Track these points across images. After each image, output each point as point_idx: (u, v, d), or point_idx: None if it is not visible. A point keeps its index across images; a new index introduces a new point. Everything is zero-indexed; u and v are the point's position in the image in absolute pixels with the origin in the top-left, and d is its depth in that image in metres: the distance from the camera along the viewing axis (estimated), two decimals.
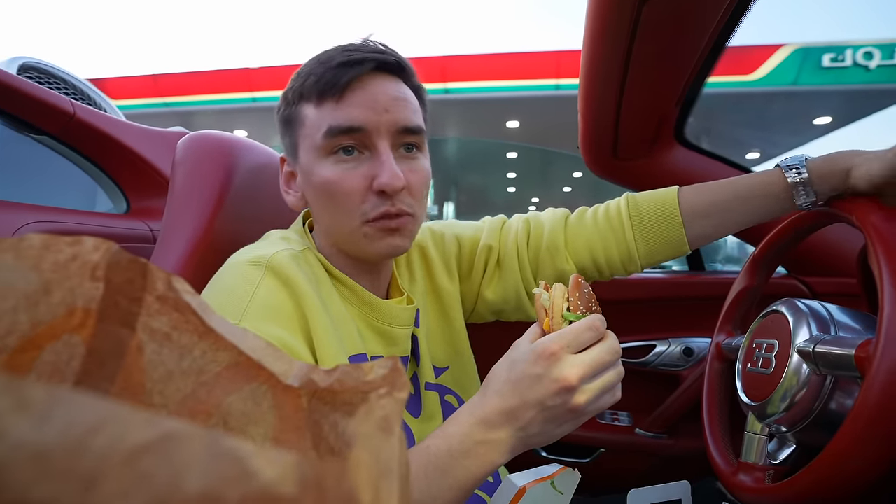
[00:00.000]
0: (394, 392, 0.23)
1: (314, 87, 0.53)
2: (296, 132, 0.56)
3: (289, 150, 0.59)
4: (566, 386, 0.41)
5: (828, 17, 14.79)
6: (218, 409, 0.28)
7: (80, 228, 0.85)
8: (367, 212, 0.53)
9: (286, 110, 0.57)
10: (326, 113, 0.53)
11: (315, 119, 0.54)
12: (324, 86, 0.52)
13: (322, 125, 0.53)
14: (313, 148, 0.54)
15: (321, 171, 0.54)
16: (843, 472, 0.42)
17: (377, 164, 0.53)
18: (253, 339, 0.27)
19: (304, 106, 0.55)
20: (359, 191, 0.53)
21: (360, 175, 0.53)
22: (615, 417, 1.10)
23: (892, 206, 0.54)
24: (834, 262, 0.95)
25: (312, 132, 0.54)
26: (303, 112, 0.55)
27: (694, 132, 0.98)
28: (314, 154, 0.54)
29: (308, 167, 0.55)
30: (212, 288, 0.52)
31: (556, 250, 0.68)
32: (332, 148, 0.53)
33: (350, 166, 0.53)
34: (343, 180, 0.53)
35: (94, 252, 0.25)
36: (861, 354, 0.45)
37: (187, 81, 8.64)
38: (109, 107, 1.21)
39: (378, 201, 0.53)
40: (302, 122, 0.55)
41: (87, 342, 0.25)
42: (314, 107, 0.54)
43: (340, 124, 0.52)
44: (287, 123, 0.57)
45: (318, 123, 0.53)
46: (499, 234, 0.71)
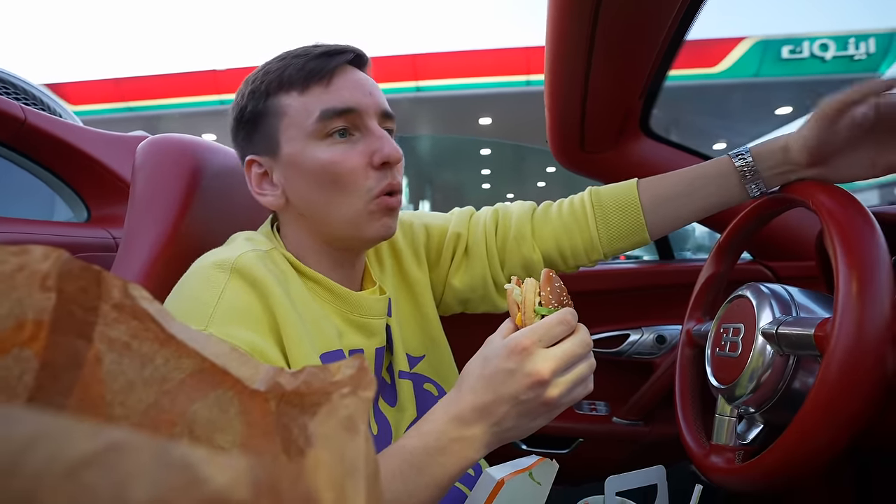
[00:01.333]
0: (358, 391, 0.22)
1: (298, 75, 0.54)
2: (274, 124, 0.55)
3: (262, 147, 0.57)
4: (539, 380, 0.42)
5: (785, 9, 15.33)
6: (182, 418, 0.27)
7: (37, 239, 0.81)
8: (372, 187, 0.55)
9: (255, 106, 0.56)
10: (314, 98, 0.54)
11: (301, 106, 0.54)
12: (309, 72, 0.54)
13: (313, 110, 0.53)
14: (304, 134, 0.54)
15: (318, 154, 0.54)
16: (806, 448, 0.44)
17: (374, 141, 0.55)
18: (216, 344, 0.27)
19: (284, 96, 0.54)
20: (361, 168, 0.54)
21: (358, 153, 0.54)
22: (593, 407, 1.12)
23: (840, 179, 0.57)
24: (796, 247, 0.99)
25: (301, 119, 0.54)
26: (282, 102, 0.55)
27: (662, 125, 1.01)
28: (305, 140, 0.54)
29: (298, 155, 0.54)
30: (176, 294, 0.51)
31: (522, 239, 0.70)
32: (326, 131, 0.54)
33: (347, 147, 0.54)
34: (345, 160, 0.54)
35: (44, 261, 0.24)
36: (819, 333, 0.47)
37: (151, 85, 8.39)
38: (65, 112, 1.17)
39: (380, 175, 0.55)
40: (283, 113, 0.55)
41: (40, 355, 0.24)
42: (299, 94, 0.54)
43: (335, 106, 0.53)
44: (257, 119, 0.56)
45: (308, 109, 0.54)
46: (467, 223, 0.73)
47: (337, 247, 0.59)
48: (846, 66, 7.45)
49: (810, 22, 15.71)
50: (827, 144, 0.55)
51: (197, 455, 0.13)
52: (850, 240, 0.46)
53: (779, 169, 0.60)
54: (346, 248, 0.60)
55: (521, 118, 8.50)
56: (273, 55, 0.59)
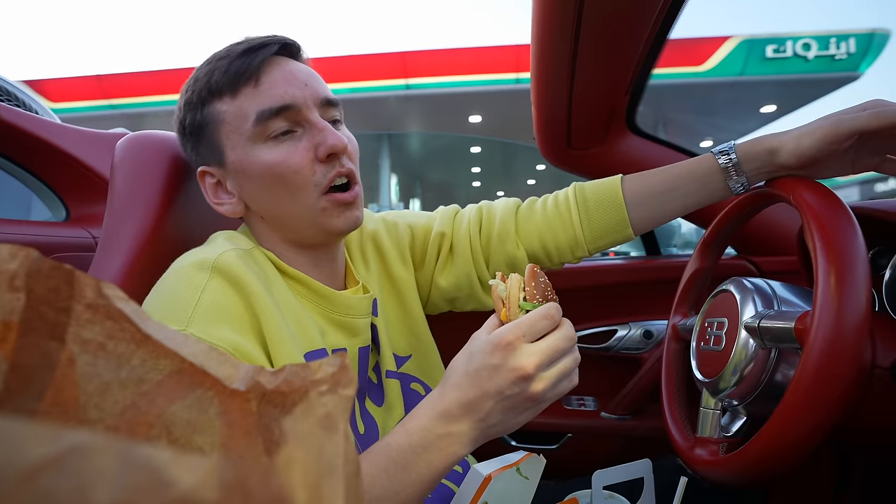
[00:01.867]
0: (338, 388, 0.22)
1: (224, 79, 0.52)
2: (214, 133, 0.54)
3: (209, 156, 0.56)
4: (523, 375, 0.42)
5: (768, 9, 15.57)
6: (160, 420, 0.26)
7: (13, 238, 0.79)
8: (320, 181, 0.54)
9: (193, 117, 0.55)
10: (247, 100, 0.52)
11: (236, 110, 0.52)
12: (235, 74, 0.52)
13: (249, 113, 0.52)
14: (244, 139, 0.53)
15: (261, 157, 0.53)
16: (787, 438, 0.45)
17: (316, 133, 0.53)
18: (195, 344, 0.26)
19: (217, 103, 0.53)
20: (306, 164, 0.53)
21: (302, 149, 0.53)
22: (581, 403, 1.13)
23: (821, 177, 0.57)
24: (779, 242, 1.00)
25: (239, 123, 0.53)
26: (217, 109, 0.53)
27: (650, 122, 1.02)
28: (247, 144, 0.53)
29: (243, 160, 0.54)
30: (156, 294, 0.50)
31: (506, 236, 0.70)
32: (266, 133, 0.52)
33: (289, 145, 0.53)
34: (288, 158, 0.53)
35: (11, 260, 0.23)
36: (800, 326, 0.47)
37: (134, 82, 8.26)
38: (42, 109, 1.14)
39: (327, 168, 0.54)
40: (220, 120, 0.53)
41: (10, 358, 0.24)
42: (231, 98, 0.53)
43: (270, 106, 0.52)
44: (199, 130, 0.55)
45: (244, 113, 0.52)
46: (451, 222, 0.72)
47: (308, 244, 0.58)
48: (828, 66, 7.58)
49: (793, 22, 15.99)
50: (823, 156, 0.55)
51: (162, 456, 0.13)
52: (829, 235, 0.47)
53: (764, 168, 0.60)
54: (316, 245, 0.59)
55: (511, 116, 8.52)
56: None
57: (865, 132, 0.52)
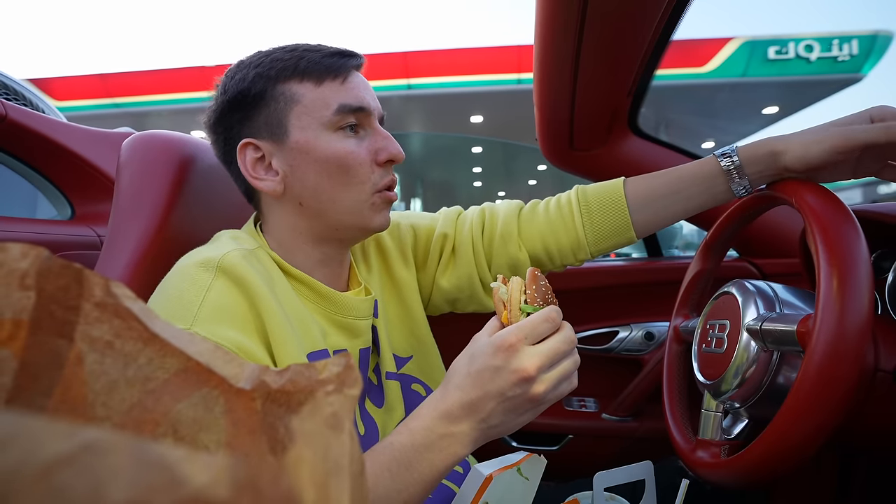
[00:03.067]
0: (344, 389, 0.22)
1: (315, 68, 0.55)
2: (283, 110, 0.55)
3: (264, 130, 0.56)
4: (525, 376, 0.43)
5: (771, 10, 15.54)
6: (166, 418, 0.27)
7: (19, 237, 0.80)
8: (377, 182, 0.58)
9: (263, 88, 0.55)
10: (330, 92, 0.56)
11: (317, 96, 0.55)
12: (325, 67, 0.56)
13: (331, 103, 0.55)
14: (318, 123, 0.55)
15: (331, 144, 0.55)
16: (789, 441, 0.45)
17: (379, 139, 0.58)
18: (201, 342, 0.26)
19: (296, 84, 0.55)
20: (368, 162, 0.57)
21: (366, 149, 0.57)
22: (582, 404, 1.13)
23: (824, 181, 0.57)
24: (781, 244, 1.00)
25: (317, 108, 0.55)
26: (293, 90, 0.55)
27: (652, 124, 1.02)
28: (319, 129, 0.55)
29: (310, 142, 0.55)
30: (160, 293, 0.50)
31: (509, 238, 0.70)
32: (340, 124, 0.56)
33: (357, 141, 0.57)
34: (356, 152, 0.56)
35: (22, 259, 0.23)
36: (802, 329, 0.48)
37: (139, 81, 8.28)
38: (48, 108, 1.14)
39: (383, 172, 0.59)
40: (296, 100, 0.55)
41: (20, 355, 0.24)
42: (313, 85, 0.56)
43: (351, 103, 0.56)
44: (260, 102, 0.55)
45: (326, 101, 0.55)
46: (454, 223, 0.73)
47: (333, 238, 0.59)
48: (830, 67, 7.57)
49: (795, 23, 15.95)
50: (829, 164, 0.55)
51: (176, 454, 0.13)
52: (831, 238, 0.47)
53: (767, 172, 0.60)
54: (340, 241, 0.60)
55: (513, 116, 8.52)
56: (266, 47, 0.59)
57: (875, 145, 0.52)
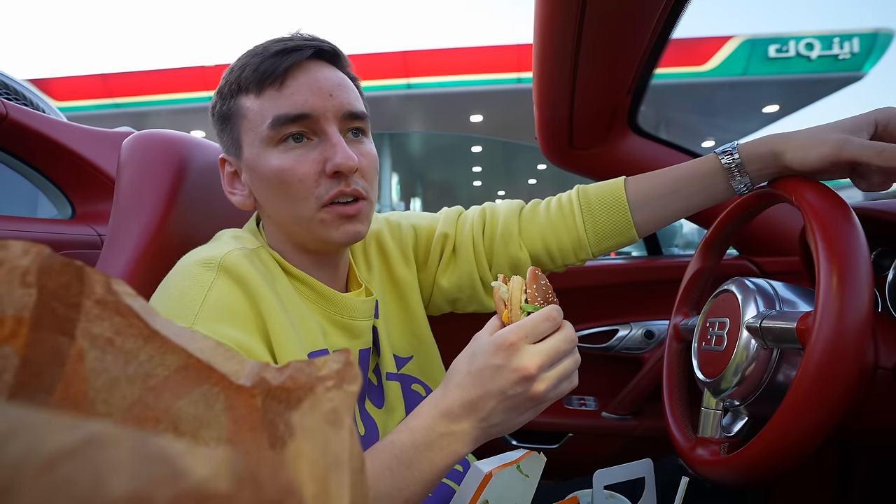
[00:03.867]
0: (343, 384, 0.22)
1: (252, 77, 0.52)
2: (237, 126, 0.55)
3: (230, 147, 0.57)
4: (525, 375, 0.43)
5: (771, 9, 15.51)
6: (167, 415, 0.27)
7: (20, 236, 0.80)
8: (322, 195, 0.53)
9: (223, 106, 0.56)
10: (269, 102, 0.52)
11: (258, 110, 0.53)
12: (262, 74, 0.52)
13: (266, 116, 0.52)
14: (259, 139, 0.53)
15: (270, 160, 0.53)
16: (788, 439, 0.45)
17: (328, 148, 0.53)
18: (201, 340, 0.27)
19: (243, 98, 0.54)
20: (312, 175, 0.53)
21: (311, 160, 0.53)
22: (582, 402, 1.13)
23: (823, 178, 0.57)
24: (781, 242, 1.00)
25: (257, 123, 0.53)
26: (242, 105, 0.54)
27: (653, 122, 1.02)
28: (261, 145, 0.53)
29: (255, 160, 0.54)
30: (162, 291, 0.50)
31: (509, 238, 0.70)
32: (279, 137, 0.53)
33: (300, 153, 0.53)
34: (295, 167, 0.52)
35: (23, 257, 0.23)
36: (801, 327, 0.48)
37: (139, 81, 8.28)
38: (49, 108, 1.15)
39: (331, 184, 0.53)
40: (243, 115, 0.54)
41: (21, 352, 0.24)
42: (255, 97, 0.53)
43: (287, 112, 0.52)
44: (225, 120, 0.56)
45: (262, 114, 0.52)
46: (455, 223, 0.72)
47: (308, 248, 0.59)
48: (831, 65, 7.56)
49: (796, 21, 15.92)
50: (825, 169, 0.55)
51: (177, 447, 0.13)
52: (830, 236, 0.47)
53: (767, 170, 0.60)
54: (317, 250, 0.59)
55: (512, 115, 8.51)
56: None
57: (865, 164, 0.52)
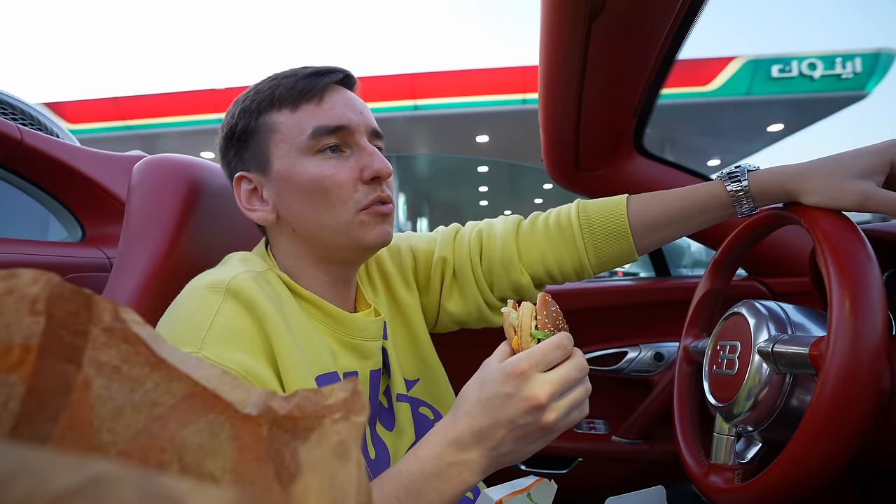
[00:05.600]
0: (351, 416, 0.22)
1: (289, 94, 0.55)
2: (264, 141, 0.56)
3: (252, 162, 0.58)
4: (536, 405, 0.42)
5: (773, 30, 15.72)
6: (172, 444, 0.26)
7: (31, 259, 0.81)
8: (361, 200, 0.56)
9: (247, 123, 0.57)
10: (306, 116, 0.55)
11: (294, 123, 0.55)
12: (300, 91, 0.55)
13: (306, 127, 0.55)
14: (296, 150, 0.55)
15: (309, 169, 0.55)
16: (805, 467, 0.43)
17: (364, 157, 0.57)
18: (208, 368, 0.26)
19: (275, 114, 0.56)
20: (350, 182, 0.56)
21: (349, 168, 0.56)
22: (592, 426, 1.11)
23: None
24: (791, 263, 0.99)
25: (293, 135, 0.55)
26: (273, 119, 0.56)
27: (657, 143, 1.02)
28: (297, 155, 0.55)
29: (289, 170, 0.56)
30: (170, 315, 0.50)
31: (509, 263, 0.69)
32: (318, 147, 0.55)
33: (338, 162, 0.56)
34: (335, 174, 0.55)
35: (33, 284, 0.23)
36: (815, 352, 0.47)
37: (150, 104, 8.45)
38: (62, 132, 1.17)
39: (368, 189, 0.56)
40: (275, 130, 0.56)
41: (27, 381, 0.24)
42: (291, 112, 0.56)
43: (328, 124, 0.55)
44: (248, 136, 0.57)
45: (301, 126, 0.55)
46: (452, 245, 0.72)
47: (334, 260, 0.59)
48: (834, 85, 7.59)
49: (798, 41, 16.10)
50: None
51: (182, 487, 0.13)
52: (842, 259, 0.46)
53: (776, 200, 0.60)
54: (342, 262, 0.60)
55: (518, 136, 8.59)
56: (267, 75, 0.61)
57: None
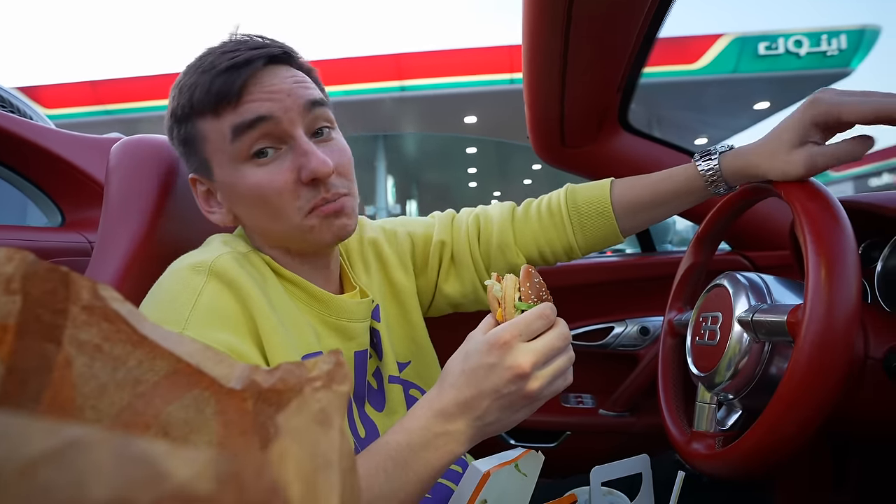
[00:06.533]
0: (333, 384, 0.22)
1: (206, 98, 0.50)
2: (202, 149, 0.54)
3: (199, 168, 0.56)
4: (520, 373, 0.43)
5: (760, 6, 15.68)
6: (157, 420, 0.26)
7: (9, 244, 0.79)
8: (303, 206, 0.52)
9: (181, 130, 0.54)
10: (227, 120, 0.50)
11: (218, 129, 0.51)
12: (216, 95, 0.50)
13: (226, 131, 0.50)
14: (228, 159, 0.52)
15: (244, 179, 0.52)
16: (781, 432, 0.45)
17: (300, 155, 0.51)
18: (190, 344, 0.26)
19: (200, 122, 0.52)
20: (289, 187, 0.52)
21: (285, 171, 0.51)
22: (579, 400, 1.13)
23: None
24: (772, 236, 1.01)
25: (221, 143, 0.51)
26: (202, 127, 0.52)
27: (645, 120, 1.02)
28: (231, 164, 0.52)
29: (228, 180, 0.53)
30: (152, 297, 0.50)
31: (506, 247, 0.72)
32: (246, 151, 0.51)
33: (273, 166, 0.52)
34: (270, 181, 0.51)
35: (7, 263, 0.23)
36: (791, 320, 0.48)
37: (128, 87, 8.23)
38: (36, 115, 1.14)
39: (311, 192, 0.52)
40: (205, 138, 0.52)
41: (7, 360, 0.24)
42: (213, 118, 0.51)
43: (245, 119, 0.50)
44: (188, 143, 0.54)
45: (223, 132, 0.51)
46: (450, 230, 0.74)
47: (302, 252, 0.59)
48: (820, 62, 7.62)
49: (785, 19, 16.09)
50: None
51: (158, 449, 0.13)
52: (818, 229, 0.47)
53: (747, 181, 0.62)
54: (311, 253, 0.59)
55: (506, 116, 8.53)
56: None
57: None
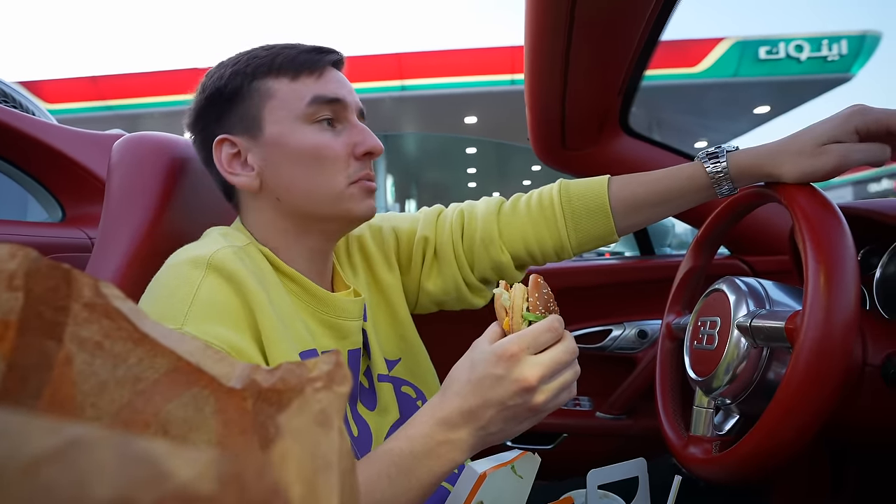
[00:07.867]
0: (333, 385, 0.22)
1: (290, 64, 0.56)
2: (256, 105, 0.56)
3: (238, 126, 0.57)
4: (526, 386, 0.43)
5: (761, 11, 15.69)
6: (157, 419, 0.26)
7: (10, 239, 0.79)
8: (352, 174, 0.58)
9: (239, 84, 0.57)
10: (305, 86, 0.56)
11: (291, 91, 0.56)
12: (300, 63, 0.57)
13: (305, 95, 0.56)
14: (293, 117, 0.56)
15: (307, 136, 0.56)
16: (778, 438, 0.45)
17: (357, 133, 0.58)
18: (191, 342, 0.26)
19: (272, 80, 0.56)
20: (344, 155, 0.57)
21: (342, 142, 0.58)
22: (576, 403, 1.13)
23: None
24: (772, 242, 1.01)
25: (291, 102, 0.56)
26: (268, 86, 0.56)
27: (645, 123, 1.02)
28: (293, 123, 0.56)
29: (284, 136, 0.56)
30: (151, 292, 0.50)
31: (490, 242, 0.70)
32: (314, 117, 0.56)
33: (332, 135, 0.57)
34: (331, 145, 0.57)
35: (10, 260, 0.23)
36: (790, 326, 0.48)
37: (130, 83, 8.23)
38: (39, 110, 1.14)
39: (360, 165, 0.59)
40: (270, 95, 0.56)
41: (7, 357, 0.24)
42: (289, 81, 0.57)
43: (326, 95, 0.57)
44: (238, 98, 0.57)
45: (299, 94, 0.56)
46: (434, 225, 0.72)
47: (314, 231, 0.59)
48: (820, 67, 7.64)
49: (786, 23, 16.11)
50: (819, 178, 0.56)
51: (161, 449, 0.13)
52: (818, 235, 0.47)
53: (755, 181, 0.61)
54: (322, 234, 0.60)
55: (506, 117, 8.53)
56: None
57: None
